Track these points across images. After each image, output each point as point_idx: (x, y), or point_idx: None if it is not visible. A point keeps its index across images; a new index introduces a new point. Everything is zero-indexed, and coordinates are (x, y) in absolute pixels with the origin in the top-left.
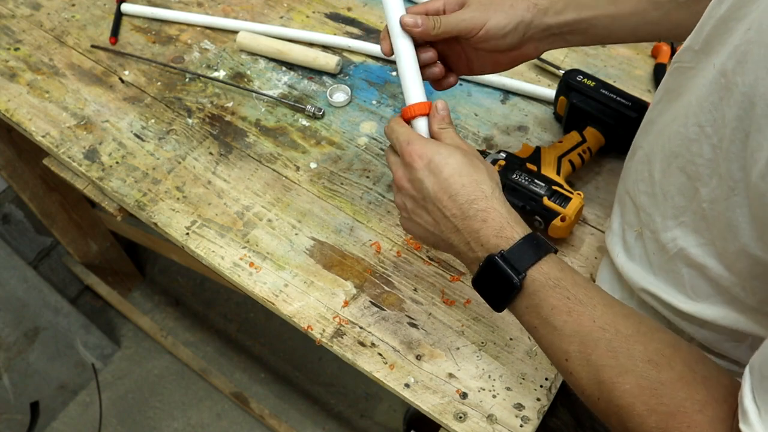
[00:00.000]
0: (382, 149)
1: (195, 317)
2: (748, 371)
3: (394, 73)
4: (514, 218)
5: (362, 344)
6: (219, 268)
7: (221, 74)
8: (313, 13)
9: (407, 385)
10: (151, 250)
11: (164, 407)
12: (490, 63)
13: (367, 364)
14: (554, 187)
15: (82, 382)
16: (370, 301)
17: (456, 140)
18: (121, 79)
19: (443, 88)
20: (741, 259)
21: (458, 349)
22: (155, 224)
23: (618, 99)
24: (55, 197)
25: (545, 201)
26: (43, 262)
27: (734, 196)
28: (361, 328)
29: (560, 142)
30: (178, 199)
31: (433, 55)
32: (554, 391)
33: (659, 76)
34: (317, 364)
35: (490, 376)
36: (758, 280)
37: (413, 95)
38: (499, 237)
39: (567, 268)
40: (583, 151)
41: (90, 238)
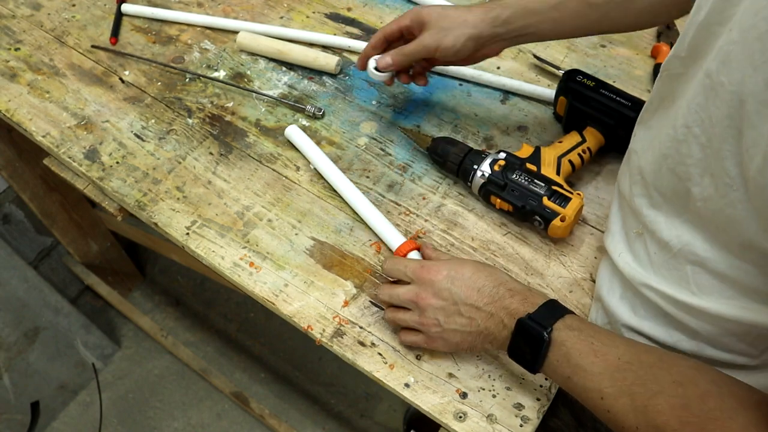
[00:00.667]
0: (382, 149)
1: (195, 317)
2: None
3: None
4: (534, 290)
5: (362, 344)
6: (219, 268)
7: (221, 74)
8: (313, 13)
9: (407, 385)
10: (151, 250)
11: (164, 407)
12: (453, 63)
13: (367, 363)
14: (554, 187)
15: (82, 382)
16: (370, 301)
17: (452, 256)
18: (121, 79)
19: (422, 85)
20: (748, 252)
21: None
22: (155, 224)
23: (618, 99)
24: (56, 197)
25: (545, 201)
26: (43, 262)
27: (733, 192)
28: (361, 327)
29: (560, 142)
30: (178, 199)
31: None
32: (554, 391)
33: None
34: (317, 364)
35: (490, 376)
36: None
37: (395, 239)
38: (526, 303)
39: (586, 321)
40: (583, 151)
41: (90, 238)
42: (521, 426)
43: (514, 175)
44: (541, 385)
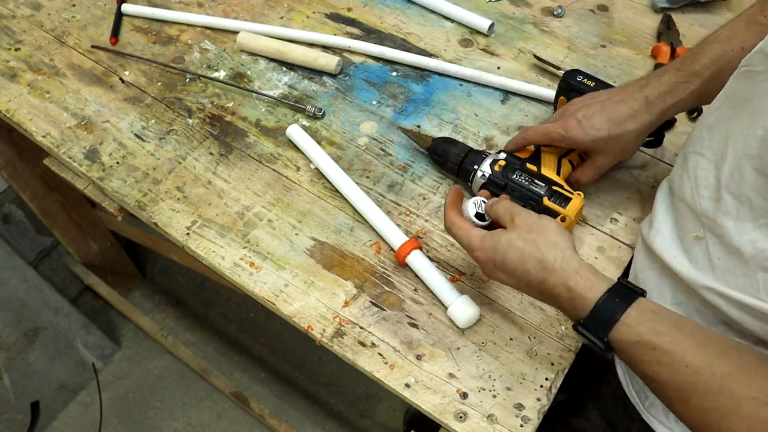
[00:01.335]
0: (382, 149)
1: (195, 317)
2: None
3: (395, 74)
4: (596, 275)
5: (362, 344)
6: (219, 268)
7: (221, 74)
8: (314, 13)
9: (407, 385)
10: (151, 250)
11: (164, 407)
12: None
13: (368, 364)
14: (554, 188)
15: (82, 382)
16: (371, 301)
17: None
18: (121, 79)
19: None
20: None
21: (458, 349)
22: (156, 224)
23: None
24: (56, 197)
25: (545, 201)
26: (43, 262)
27: None
28: (361, 328)
29: None
30: (178, 199)
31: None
32: (554, 391)
33: None
34: (317, 364)
35: (490, 376)
36: None
37: (397, 238)
38: (576, 308)
39: (649, 318)
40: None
41: (90, 238)
42: (521, 426)
43: (515, 176)
44: (541, 386)
